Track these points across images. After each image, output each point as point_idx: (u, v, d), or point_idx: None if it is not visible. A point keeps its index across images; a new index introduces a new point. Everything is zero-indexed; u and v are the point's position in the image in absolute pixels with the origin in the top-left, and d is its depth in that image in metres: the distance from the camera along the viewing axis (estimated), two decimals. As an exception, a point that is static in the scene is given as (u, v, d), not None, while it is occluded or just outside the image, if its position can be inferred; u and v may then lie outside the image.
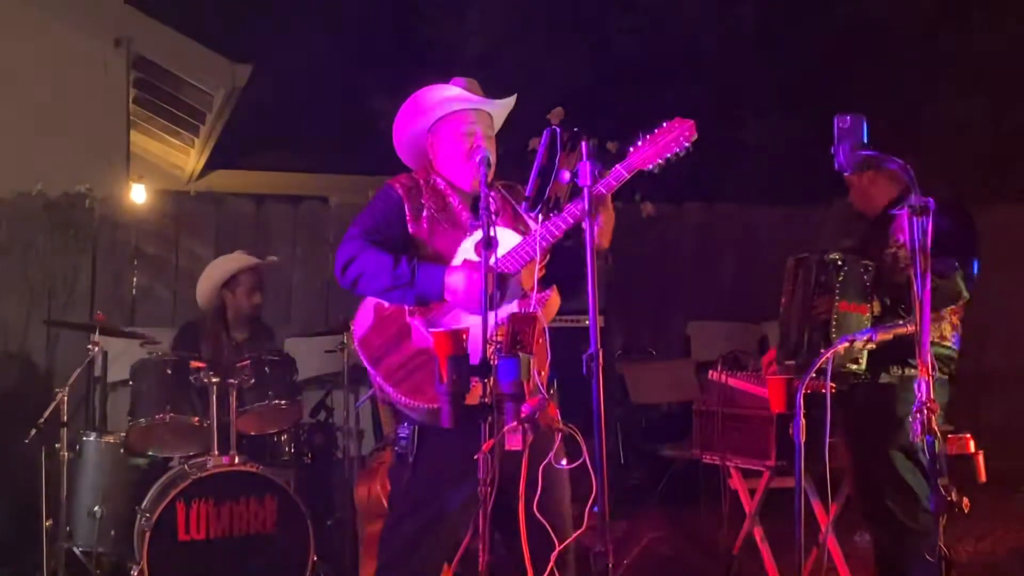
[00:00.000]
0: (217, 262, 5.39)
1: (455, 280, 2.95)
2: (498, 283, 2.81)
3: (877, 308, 3.65)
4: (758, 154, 10.19)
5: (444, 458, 2.97)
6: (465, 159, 3.11)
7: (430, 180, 3.19)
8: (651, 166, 2.91)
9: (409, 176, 3.24)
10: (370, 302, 3.10)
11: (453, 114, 3.17)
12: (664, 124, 2.92)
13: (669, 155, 2.90)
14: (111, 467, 4.66)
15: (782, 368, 3.83)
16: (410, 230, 3.12)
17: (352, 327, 3.10)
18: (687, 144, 2.89)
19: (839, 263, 3.67)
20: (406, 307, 3.03)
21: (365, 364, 3.03)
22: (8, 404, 6.12)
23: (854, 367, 3.54)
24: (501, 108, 3.25)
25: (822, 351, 3.24)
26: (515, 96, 3.24)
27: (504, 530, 2.82)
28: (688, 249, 8.19)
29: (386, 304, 3.07)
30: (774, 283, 4.11)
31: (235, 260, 5.32)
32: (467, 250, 3.04)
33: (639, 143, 2.91)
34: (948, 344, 3.80)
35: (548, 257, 3.00)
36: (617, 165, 2.90)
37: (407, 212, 3.13)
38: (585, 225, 2.72)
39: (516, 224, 3.09)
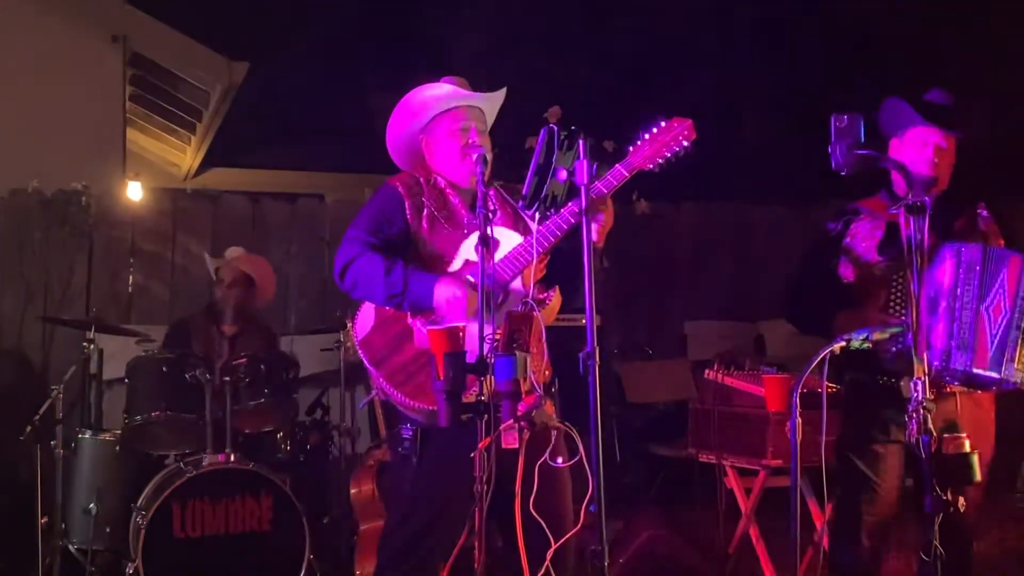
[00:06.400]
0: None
1: (443, 293, 2.94)
2: (498, 292, 2.82)
3: None
4: (755, 153, 10.20)
5: (448, 458, 2.96)
6: (461, 157, 3.11)
7: (431, 179, 3.19)
8: (651, 165, 2.93)
9: (410, 175, 3.22)
10: (370, 303, 3.10)
11: (447, 112, 3.17)
12: (663, 123, 2.93)
13: (669, 154, 2.92)
14: (106, 465, 4.65)
15: None
16: (411, 228, 3.11)
17: (353, 328, 3.09)
18: (686, 143, 2.91)
19: None
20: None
21: (367, 365, 3.02)
22: (3, 401, 6.11)
23: None
24: (492, 103, 3.25)
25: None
26: (504, 90, 3.24)
27: (504, 529, 2.82)
28: (685, 248, 8.18)
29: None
30: (771, 282, 4.10)
31: (215, 259, 5.50)
32: (468, 250, 3.03)
33: (638, 142, 2.93)
34: None
35: (548, 258, 3.00)
36: (617, 164, 2.91)
37: (408, 210, 3.11)
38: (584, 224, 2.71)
39: (516, 223, 3.08)
